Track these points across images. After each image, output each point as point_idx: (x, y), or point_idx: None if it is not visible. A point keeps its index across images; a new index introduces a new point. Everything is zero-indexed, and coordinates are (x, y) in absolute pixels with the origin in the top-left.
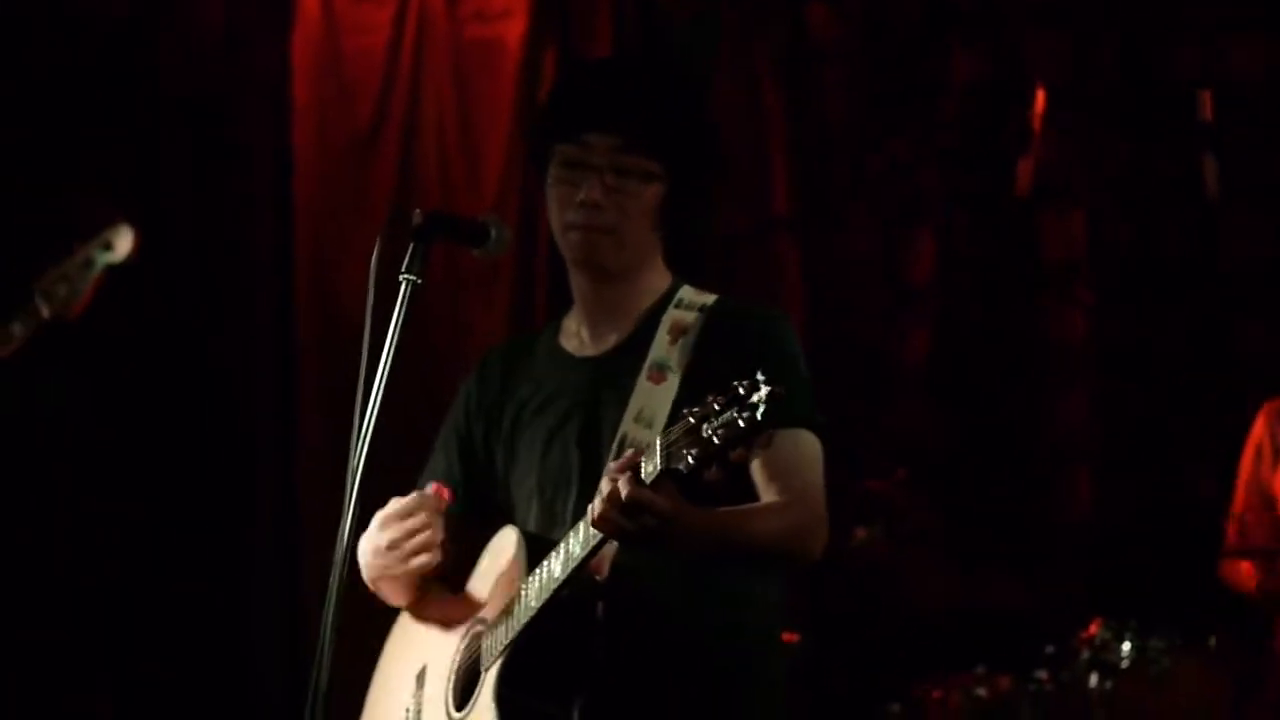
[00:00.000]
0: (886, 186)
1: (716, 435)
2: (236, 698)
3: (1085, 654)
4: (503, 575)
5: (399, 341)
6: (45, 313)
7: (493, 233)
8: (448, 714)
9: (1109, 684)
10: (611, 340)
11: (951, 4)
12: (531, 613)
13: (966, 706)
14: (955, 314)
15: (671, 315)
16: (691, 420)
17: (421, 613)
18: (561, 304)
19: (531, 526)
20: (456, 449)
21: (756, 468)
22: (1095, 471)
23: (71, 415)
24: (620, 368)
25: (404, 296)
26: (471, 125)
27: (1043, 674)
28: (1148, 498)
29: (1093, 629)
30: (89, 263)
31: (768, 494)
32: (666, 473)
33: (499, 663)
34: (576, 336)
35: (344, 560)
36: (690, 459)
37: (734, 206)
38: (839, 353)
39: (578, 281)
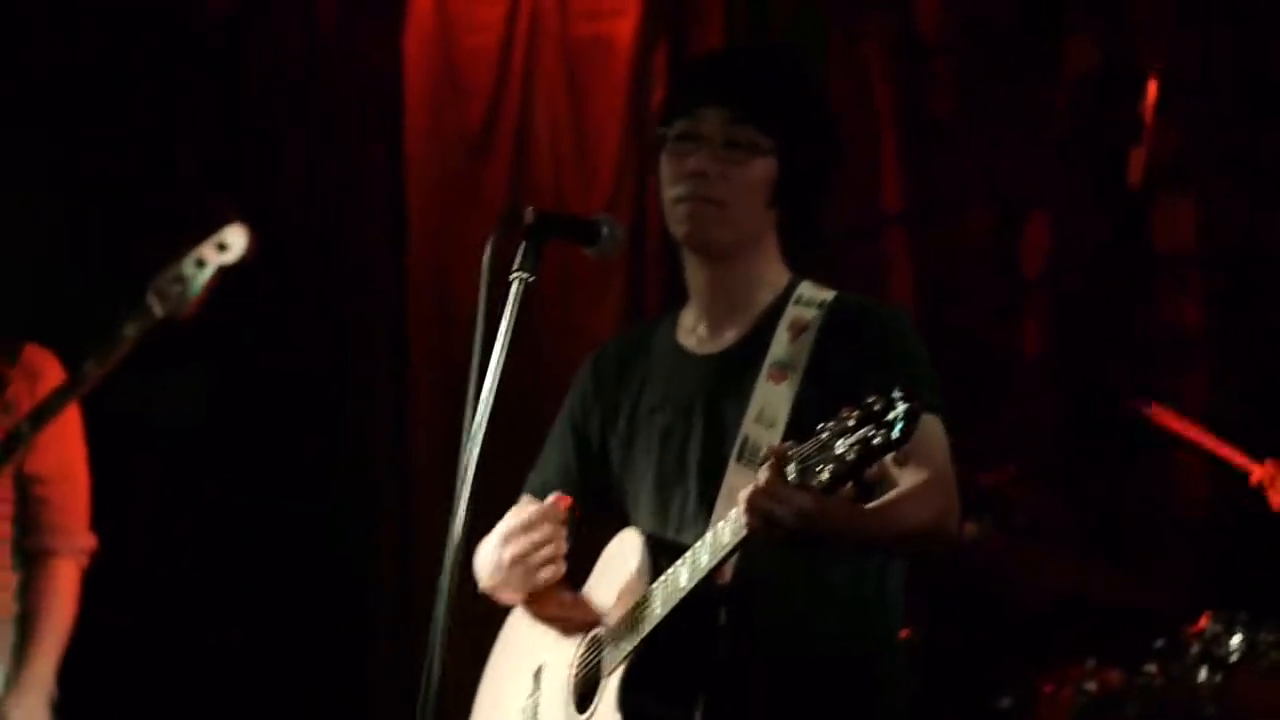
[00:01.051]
0: (998, 179)
1: (852, 452)
2: (352, 696)
3: (1195, 648)
4: (626, 579)
5: (510, 341)
6: (158, 313)
7: (605, 231)
8: (568, 716)
9: (1219, 678)
10: (730, 337)
11: None
12: (657, 620)
13: (1076, 701)
14: (1069, 305)
15: (791, 312)
16: (825, 436)
17: (539, 611)
18: (673, 304)
19: (648, 525)
20: (572, 444)
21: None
22: (1208, 461)
23: (191, 419)
24: (740, 366)
25: (516, 295)
26: (584, 124)
27: (1152, 668)
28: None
29: (1202, 623)
30: (202, 262)
31: (905, 478)
32: (800, 489)
33: (623, 667)
34: (694, 333)
35: (456, 561)
36: (826, 476)
37: (844, 202)
38: (951, 346)
39: (692, 269)
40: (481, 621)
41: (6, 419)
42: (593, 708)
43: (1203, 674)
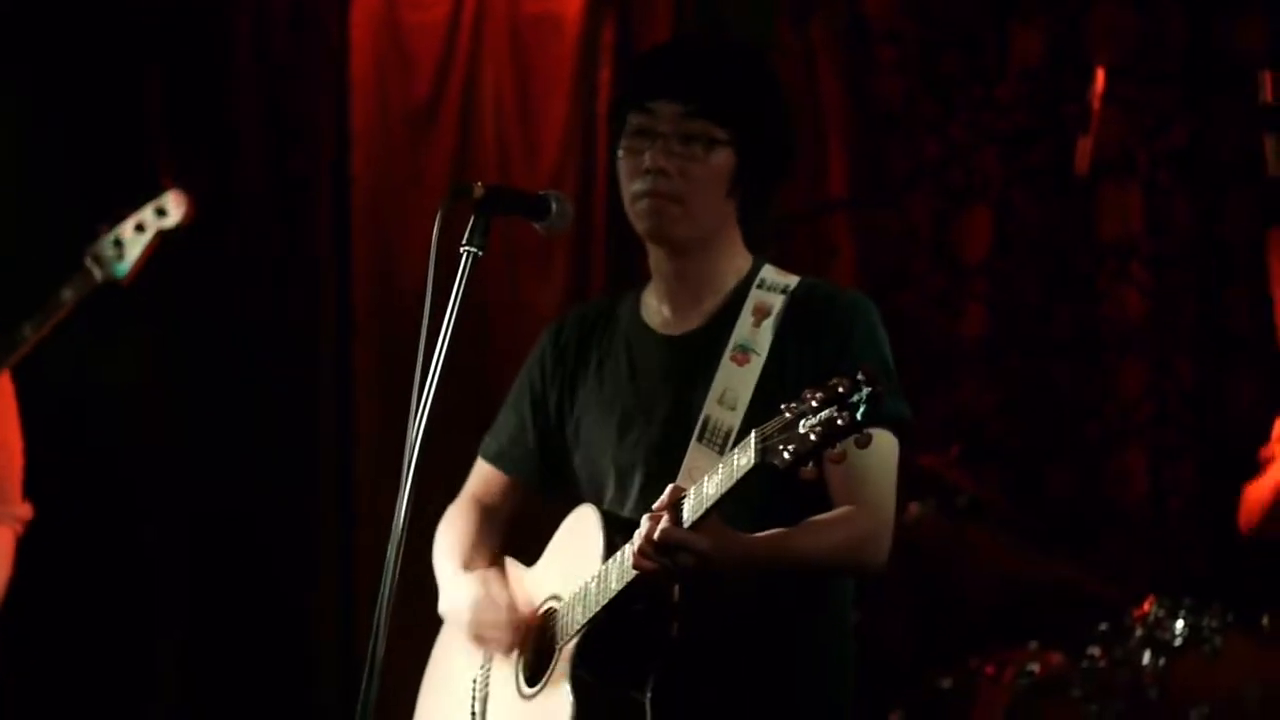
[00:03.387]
0: (943, 166)
1: (814, 433)
2: (294, 670)
3: (1139, 631)
4: (581, 554)
5: (457, 314)
6: (97, 278)
7: (554, 207)
8: (518, 689)
9: (1162, 662)
10: (695, 320)
11: None
12: (611, 594)
13: (1018, 682)
14: (1011, 291)
15: (755, 296)
16: (789, 415)
17: (502, 578)
18: (618, 280)
19: (606, 502)
20: (530, 412)
21: (829, 469)
22: (1150, 449)
23: (131, 387)
24: (703, 348)
25: (465, 268)
26: (529, 100)
27: (1096, 651)
28: (1203, 476)
29: (1146, 606)
30: (141, 228)
31: (835, 499)
32: (761, 467)
33: (574, 641)
34: (659, 313)
35: (402, 532)
36: (787, 455)
37: (790, 186)
38: (892, 330)
39: (656, 258)
40: (428, 594)
41: None
42: (545, 679)
43: (1146, 658)
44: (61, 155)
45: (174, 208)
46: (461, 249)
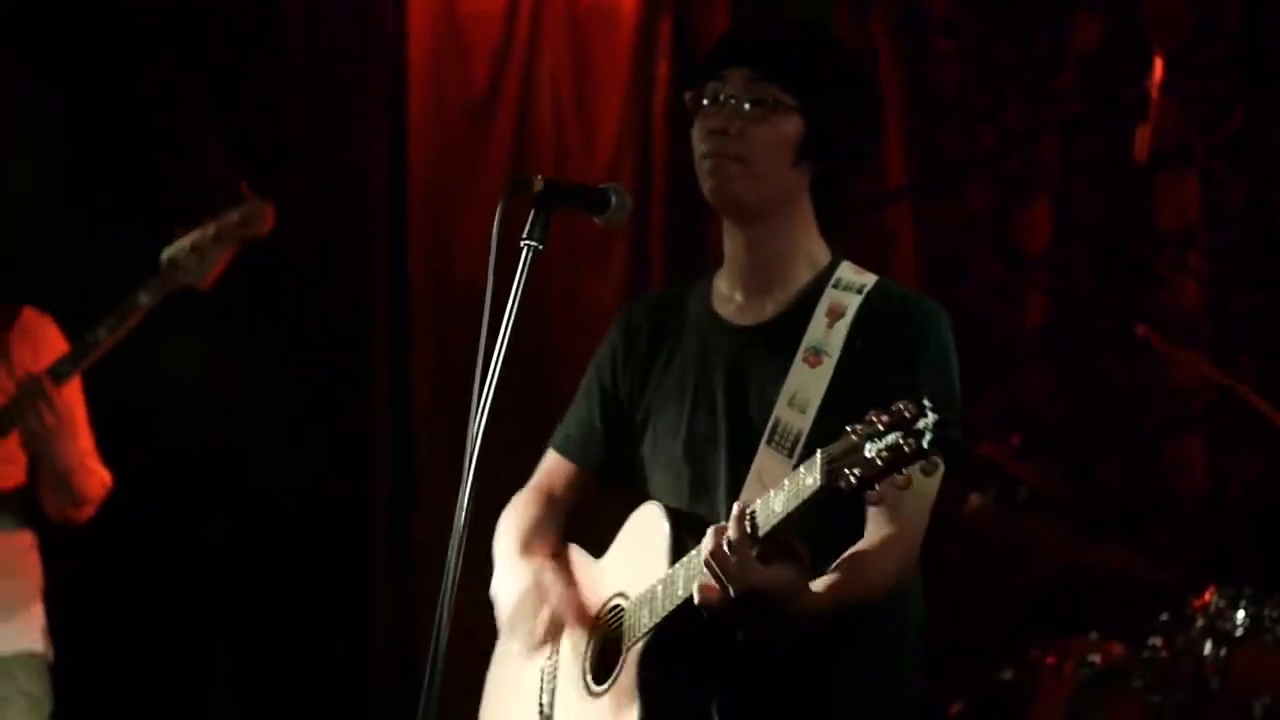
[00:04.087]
0: (1002, 155)
1: (880, 458)
2: (353, 668)
3: (1200, 621)
4: (648, 553)
5: (519, 307)
6: (174, 283)
7: (614, 200)
8: (586, 686)
9: (1223, 652)
10: (768, 311)
11: None
12: (678, 601)
13: (1079, 673)
14: (1070, 281)
15: (830, 296)
16: (855, 438)
17: (563, 569)
18: (676, 273)
19: (672, 494)
20: (599, 401)
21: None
22: (1209, 438)
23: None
24: (776, 343)
25: (525, 262)
26: (587, 91)
27: (1157, 641)
28: (1262, 464)
29: (1207, 596)
30: (221, 236)
31: (875, 519)
32: (827, 489)
33: (642, 644)
34: (730, 301)
35: (464, 527)
36: (853, 479)
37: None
38: (953, 319)
39: (728, 234)
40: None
41: (9, 380)
42: (612, 679)
43: (1207, 648)
44: (111, 148)
45: (257, 219)
46: (522, 243)
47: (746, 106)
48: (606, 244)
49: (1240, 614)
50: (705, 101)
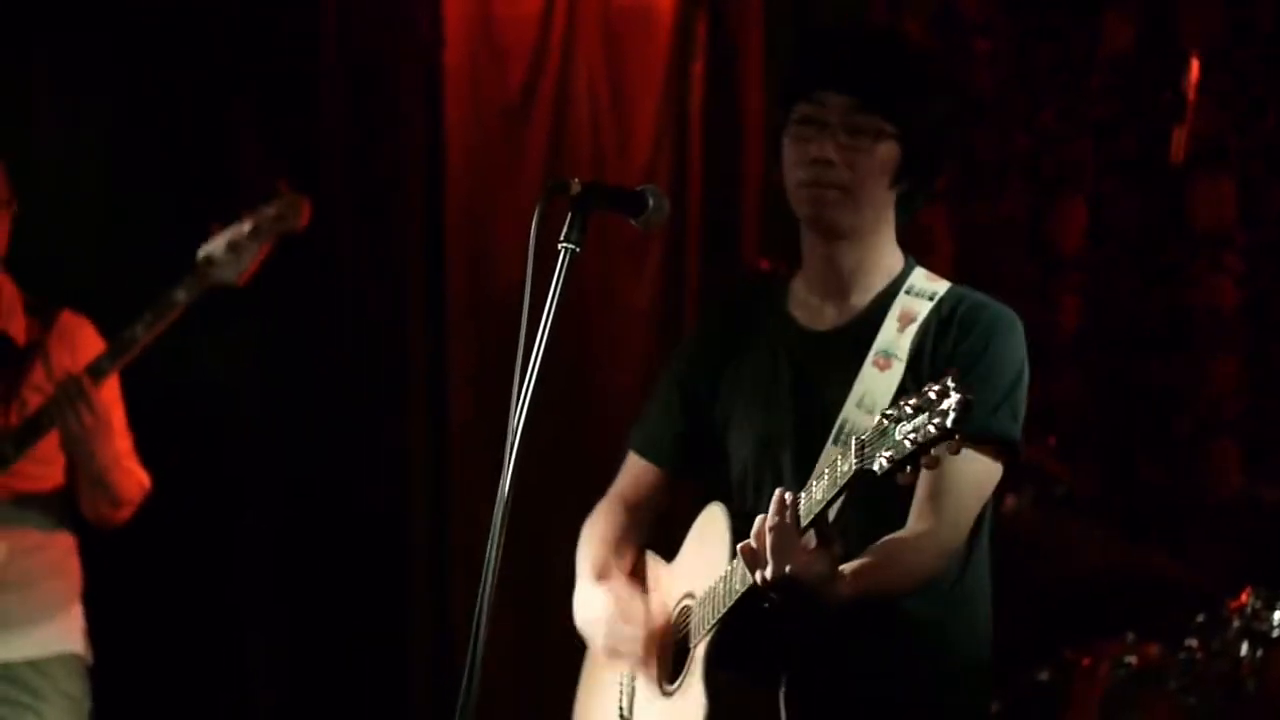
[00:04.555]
0: (1034, 157)
1: (909, 439)
2: (389, 671)
3: (1236, 623)
4: (712, 552)
5: (556, 309)
6: (210, 280)
7: (651, 202)
8: (660, 686)
9: (1260, 653)
10: (841, 317)
11: None
12: (736, 595)
13: (1115, 674)
14: (1106, 283)
15: (902, 301)
16: (885, 422)
17: (638, 583)
18: (713, 275)
19: (741, 493)
20: (678, 400)
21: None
22: (1245, 440)
23: (225, 388)
24: (847, 347)
25: (563, 265)
26: (623, 92)
27: (1193, 642)
28: None
29: (1243, 597)
30: (257, 231)
31: (916, 510)
32: (861, 473)
33: (706, 640)
34: (805, 305)
35: (501, 527)
36: (885, 462)
37: None
38: None
39: (809, 244)
40: (526, 593)
41: (48, 383)
42: (681, 678)
43: (1244, 649)
44: (151, 152)
45: (293, 213)
46: (560, 245)
47: (847, 136)
48: (642, 246)
49: (1277, 615)
50: (800, 122)
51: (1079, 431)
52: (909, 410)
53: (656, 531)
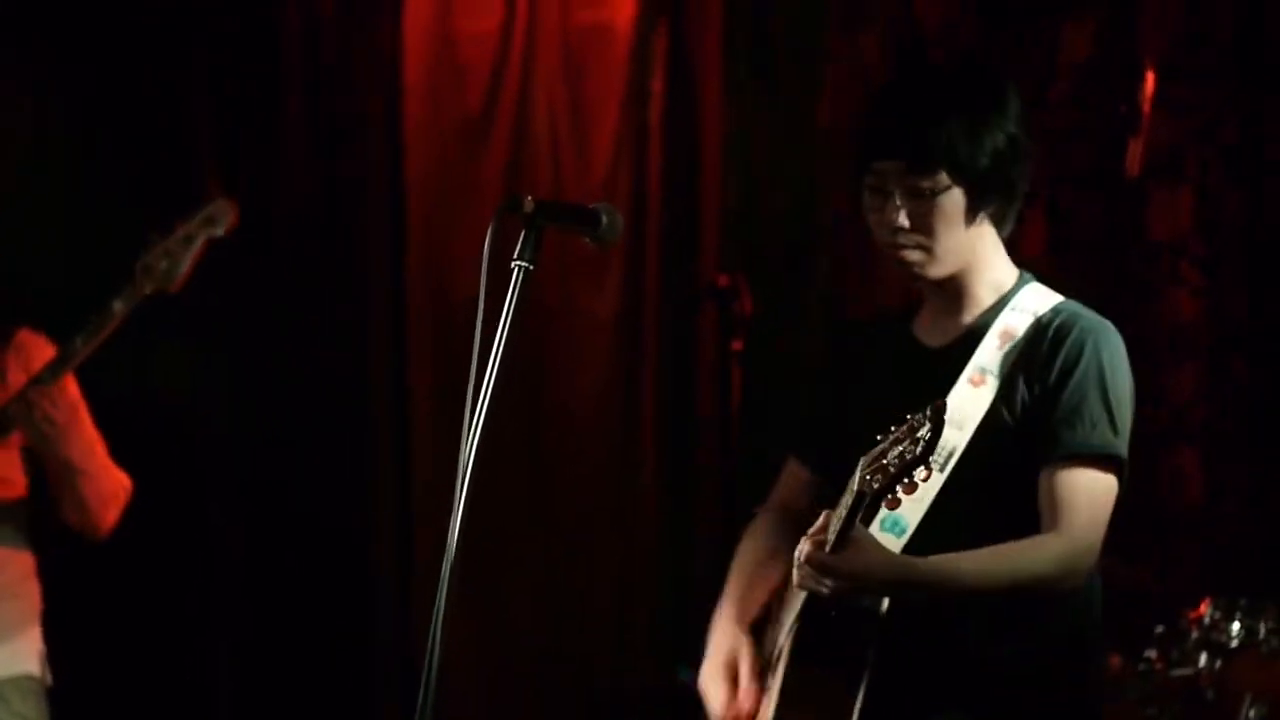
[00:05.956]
0: None
1: (893, 465)
2: (351, 680)
3: (1195, 634)
4: None
5: (510, 328)
6: (147, 289)
7: (604, 220)
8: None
9: (1219, 664)
10: (950, 334)
11: None
12: (795, 610)
13: None
14: (1064, 293)
15: (1005, 319)
16: (879, 448)
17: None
18: (671, 289)
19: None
20: (818, 404)
21: (1041, 497)
22: (1205, 451)
23: (186, 403)
24: (951, 364)
25: (516, 282)
26: (582, 109)
27: (1152, 654)
28: (1258, 477)
29: (1202, 608)
30: (190, 238)
31: (1041, 522)
32: (861, 495)
33: (788, 642)
34: (925, 325)
35: (456, 546)
36: (875, 485)
37: (842, 192)
38: None
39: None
40: (484, 605)
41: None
42: (771, 679)
43: (1203, 660)
44: (110, 161)
45: (221, 216)
46: (513, 263)
47: (909, 199)
48: (602, 260)
49: (1235, 625)
50: (870, 191)
51: None
52: (897, 436)
53: None
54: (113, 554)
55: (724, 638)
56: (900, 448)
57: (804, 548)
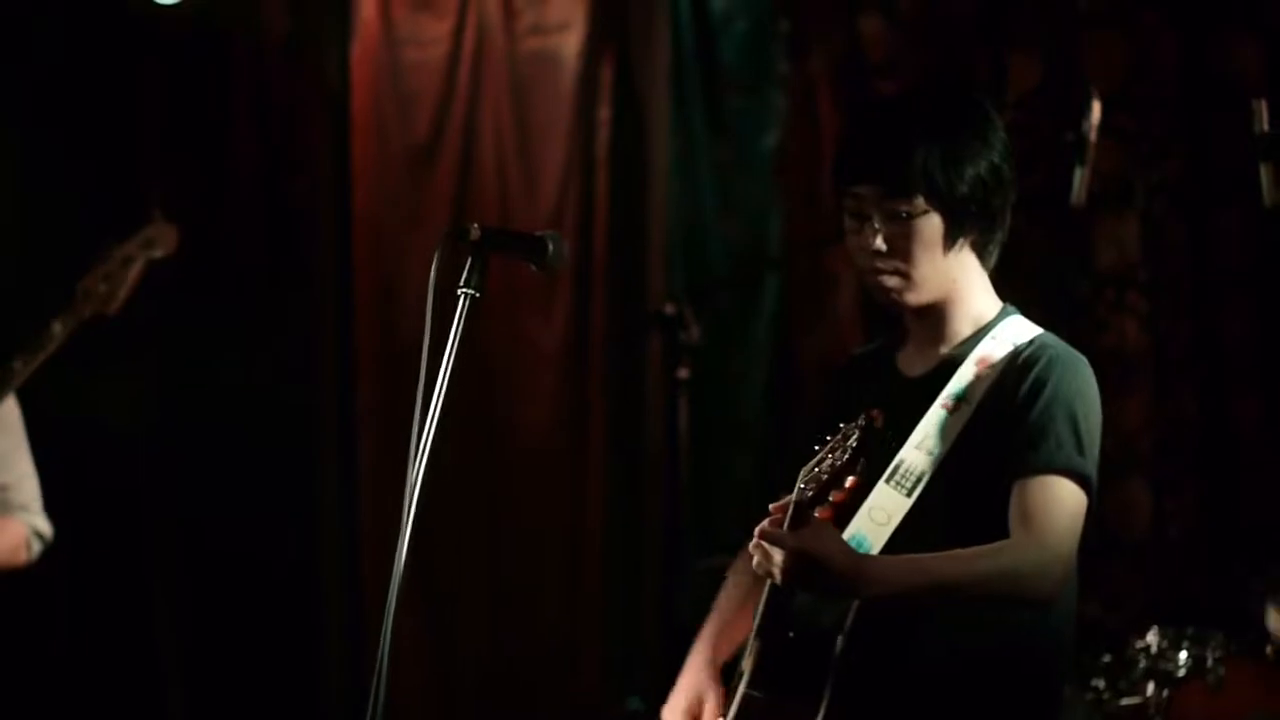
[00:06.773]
0: None
1: (825, 472)
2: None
3: (1142, 663)
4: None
5: (457, 353)
6: (86, 311)
7: (550, 248)
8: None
9: (1165, 693)
10: (929, 364)
11: (1006, 12)
12: (757, 623)
13: None
14: None
15: (982, 348)
16: (815, 457)
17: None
18: (619, 317)
19: None
20: (804, 455)
21: (1011, 511)
22: (1152, 479)
23: (131, 429)
24: (927, 392)
25: (463, 309)
26: (529, 137)
27: (1099, 683)
28: (1205, 507)
29: (1149, 637)
30: (129, 260)
31: (1010, 530)
32: (796, 503)
33: (749, 666)
34: (907, 356)
35: (402, 572)
36: (809, 493)
37: (792, 218)
38: None
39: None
40: (428, 634)
41: None
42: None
43: (1150, 689)
44: (57, 184)
45: (160, 238)
46: (459, 291)
47: (886, 223)
48: (549, 286)
49: (1183, 655)
50: (848, 215)
51: None
52: (832, 445)
53: None
54: (58, 578)
55: (693, 674)
56: (832, 456)
57: (761, 525)
